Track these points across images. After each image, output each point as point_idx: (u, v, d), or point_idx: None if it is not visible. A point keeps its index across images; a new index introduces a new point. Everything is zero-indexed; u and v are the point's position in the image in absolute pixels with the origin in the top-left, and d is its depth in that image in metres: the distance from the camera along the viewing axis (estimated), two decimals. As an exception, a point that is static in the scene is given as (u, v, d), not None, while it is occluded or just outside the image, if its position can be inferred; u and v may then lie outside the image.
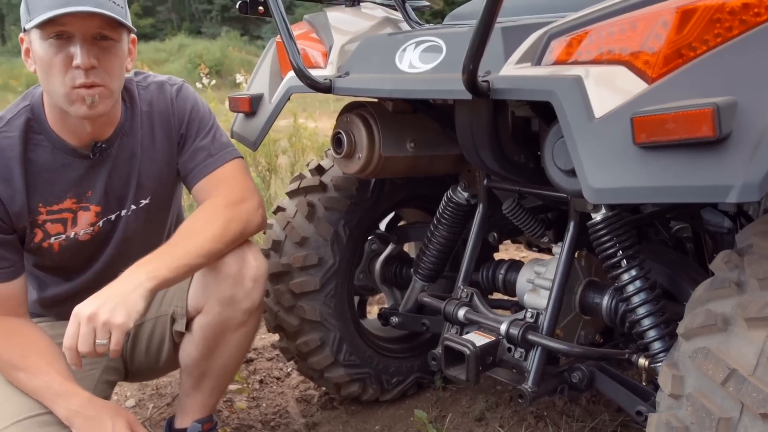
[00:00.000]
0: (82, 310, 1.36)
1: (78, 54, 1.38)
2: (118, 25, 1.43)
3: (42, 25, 1.36)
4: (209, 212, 1.58)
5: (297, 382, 2.35)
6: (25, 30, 1.43)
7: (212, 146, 1.67)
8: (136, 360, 1.80)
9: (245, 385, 2.32)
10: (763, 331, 0.97)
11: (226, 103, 1.92)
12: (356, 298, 2.14)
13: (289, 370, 2.44)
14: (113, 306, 1.34)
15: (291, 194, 2.00)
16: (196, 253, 1.49)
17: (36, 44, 1.42)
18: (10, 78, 18.83)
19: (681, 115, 0.88)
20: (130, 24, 1.47)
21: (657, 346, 1.36)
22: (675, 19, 0.97)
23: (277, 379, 2.39)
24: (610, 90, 1.01)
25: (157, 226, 1.76)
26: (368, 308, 2.58)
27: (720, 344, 1.01)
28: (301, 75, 1.46)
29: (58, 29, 1.37)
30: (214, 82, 4.94)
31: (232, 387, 2.25)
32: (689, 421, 1.01)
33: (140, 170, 1.65)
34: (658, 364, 1.34)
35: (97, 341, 1.34)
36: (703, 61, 0.94)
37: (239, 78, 5.19)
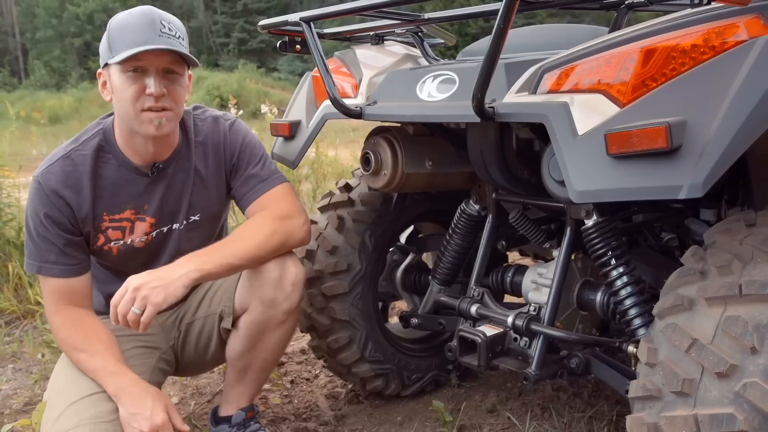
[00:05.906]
0: (132, 279, 1.60)
1: (151, 84, 1.64)
2: (183, 61, 1.69)
3: (123, 61, 1.61)
4: (258, 223, 1.81)
5: (325, 382, 2.57)
6: (105, 65, 1.68)
7: (263, 172, 1.90)
8: (186, 354, 2.02)
9: (278, 382, 2.55)
10: (719, 308, 1.17)
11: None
12: (379, 304, 2.36)
13: (317, 372, 2.66)
14: (157, 286, 1.58)
15: (322, 209, 2.24)
16: (239, 256, 1.72)
17: (115, 77, 1.66)
18: (33, 111, 19.28)
19: (642, 132, 1.12)
20: (193, 58, 1.71)
21: (641, 332, 1.56)
22: (640, 57, 1.20)
23: (307, 379, 2.61)
24: (590, 113, 1.24)
25: (206, 240, 1.97)
26: (389, 319, 2.80)
27: (686, 320, 1.21)
28: (337, 103, 1.72)
29: (135, 64, 1.63)
30: (241, 112, 5.24)
31: (265, 386, 2.45)
32: (661, 384, 1.20)
33: (192, 191, 1.87)
34: (642, 348, 1.55)
35: (132, 308, 1.57)
36: (662, 89, 1.17)
37: (264, 108, 5.48)
